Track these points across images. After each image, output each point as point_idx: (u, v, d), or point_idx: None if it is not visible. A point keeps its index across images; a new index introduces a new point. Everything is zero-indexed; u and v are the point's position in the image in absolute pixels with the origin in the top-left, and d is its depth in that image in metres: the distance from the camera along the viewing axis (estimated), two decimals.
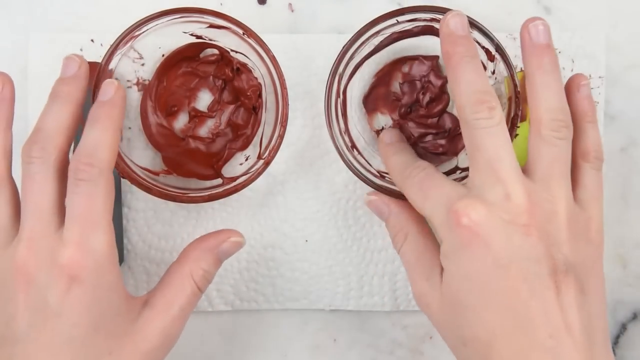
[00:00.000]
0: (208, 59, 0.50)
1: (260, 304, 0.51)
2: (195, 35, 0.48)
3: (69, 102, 0.40)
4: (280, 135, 0.45)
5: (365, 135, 0.50)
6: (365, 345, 0.52)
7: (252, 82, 0.49)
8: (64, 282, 0.36)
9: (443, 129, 0.49)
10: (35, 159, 0.38)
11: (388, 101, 0.50)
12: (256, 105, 0.49)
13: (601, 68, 0.51)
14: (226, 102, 0.50)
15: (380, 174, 0.47)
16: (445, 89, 0.50)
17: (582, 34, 0.51)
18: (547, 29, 0.40)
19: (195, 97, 0.50)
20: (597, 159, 0.40)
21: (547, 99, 0.38)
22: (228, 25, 0.45)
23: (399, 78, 0.50)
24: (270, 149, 0.45)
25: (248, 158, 0.49)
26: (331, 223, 0.51)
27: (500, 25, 0.44)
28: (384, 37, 0.47)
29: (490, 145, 0.37)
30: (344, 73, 0.46)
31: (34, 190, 0.38)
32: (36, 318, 0.36)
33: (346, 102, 0.48)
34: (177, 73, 0.50)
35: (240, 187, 0.45)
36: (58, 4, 0.51)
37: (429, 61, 0.50)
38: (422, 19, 0.45)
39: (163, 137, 0.50)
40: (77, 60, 0.41)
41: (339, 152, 0.45)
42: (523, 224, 0.36)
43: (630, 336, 0.52)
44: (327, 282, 0.51)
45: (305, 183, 0.51)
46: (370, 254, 0.52)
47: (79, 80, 0.41)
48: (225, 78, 0.50)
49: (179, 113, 0.50)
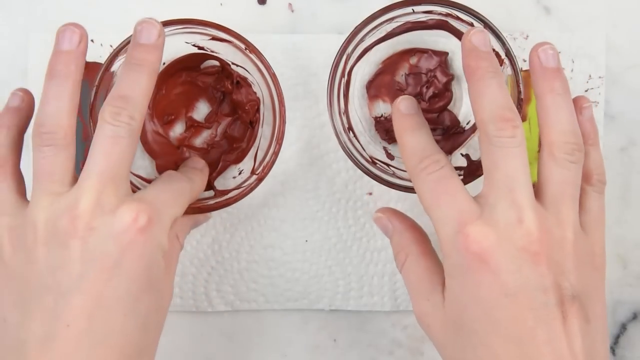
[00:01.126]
0: (208, 70, 0.50)
1: (260, 304, 0.51)
2: (197, 46, 0.48)
3: (153, 71, 0.39)
4: (275, 152, 0.44)
5: (363, 120, 0.50)
6: (365, 345, 0.52)
7: (250, 97, 0.49)
8: (131, 233, 0.36)
9: (441, 125, 0.49)
10: (124, 124, 0.37)
11: (391, 90, 0.50)
12: (253, 120, 0.49)
13: (601, 68, 0.51)
14: (223, 114, 0.50)
15: (372, 160, 0.47)
16: (449, 86, 0.50)
17: (582, 34, 0.51)
18: (556, 53, 0.39)
19: (193, 107, 0.50)
20: (600, 182, 0.40)
21: (560, 122, 0.38)
22: (230, 39, 0.45)
23: (406, 69, 0.50)
24: (265, 165, 0.45)
25: (242, 172, 0.49)
26: (331, 223, 0.51)
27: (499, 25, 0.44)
28: (398, 25, 0.47)
29: (510, 166, 0.37)
30: (352, 54, 0.46)
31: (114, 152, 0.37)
32: (89, 268, 0.35)
33: (349, 83, 0.48)
34: (176, 82, 0.50)
35: (231, 201, 0.45)
36: (58, 4, 0.51)
37: (438, 56, 0.50)
38: (438, 12, 0.45)
39: (158, 144, 0.50)
40: (157, 27, 0.39)
41: (336, 133, 0.45)
42: (533, 252, 0.35)
43: (630, 336, 0.52)
44: (327, 282, 0.51)
45: (305, 183, 0.51)
46: (370, 254, 0.52)
47: (159, 50, 0.40)
48: (224, 90, 0.50)
49: (176, 122, 0.50)
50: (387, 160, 0.48)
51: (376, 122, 0.51)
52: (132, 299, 0.36)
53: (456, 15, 0.45)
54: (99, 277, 0.35)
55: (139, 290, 0.36)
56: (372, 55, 0.49)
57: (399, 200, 0.51)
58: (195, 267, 0.51)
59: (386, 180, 0.44)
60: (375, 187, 0.51)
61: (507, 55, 0.44)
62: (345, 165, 0.51)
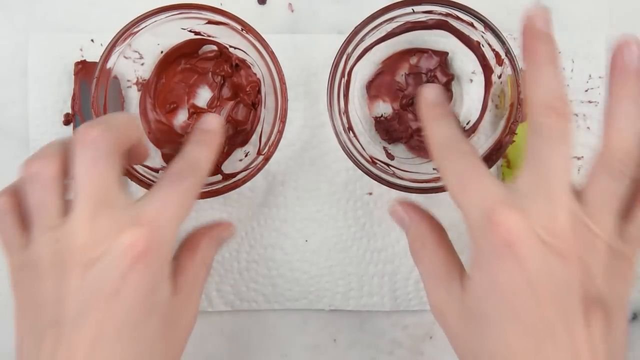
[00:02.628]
0: (207, 56, 0.50)
1: (260, 304, 0.51)
2: (193, 32, 0.48)
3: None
4: (280, 130, 0.44)
5: (363, 120, 0.50)
6: (365, 345, 0.52)
7: (251, 78, 0.49)
8: (128, 260, 0.35)
9: None
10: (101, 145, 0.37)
11: (391, 90, 0.50)
12: (255, 101, 0.49)
13: (601, 68, 0.51)
14: (225, 98, 0.50)
15: (372, 160, 0.47)
16: (450, 86, 0.50)
17: (582, 33, 0.51)
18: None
19: (195, 94, 0.50)
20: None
21: (627, 131, 0.36)
22: (226, 21, 0.45)
23: (406, 69, 0.50)
24: (270, 145, 0.45)
25: (248, 154, 0.49)
26: (331, 223, 0.51)
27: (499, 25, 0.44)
28: (398, 25, 0.47)
29: (554, 157, 0.35)
30: (352, 54, 0.46)
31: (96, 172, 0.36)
32: (89, 301, 0.35)
33: (349, 83, 0.48)
34: (176, 70, 0.50)
35: (240, 183, 0.45)
36: (58, 4, 0.51)
37: (438, 56, 0.50)
38: (438, 12, 0.45)
39: (162, 133, 0.50)
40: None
41: (336, 133, 0.45)
42: (562, 249, 0.34)
43: (630, 336, 0.52)
44: (327, 282, 0.51)
45: (305, 183, 0.51)
46: (370, 254, 0.52)
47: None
48: (224, 74, 0.50)
49: (178, 110, 0.50)
50: (387, 160, 0.48)
51: (376, 122, 0.51)
52: (132, 327, 0.35)
53: (456, 15, 0.45)
54: (98, 307, 0.35)
55: (140, 318, 0.36)
56: (372, 55, 0.49)
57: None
58: None
59: (386, 180, 0.44)
60: (375, 187, 0.51)
61: (507, 55, 0.44)
62: (345, 165, 0.51)
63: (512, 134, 0.44)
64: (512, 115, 0.44)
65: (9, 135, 0.51)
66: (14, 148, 0.51)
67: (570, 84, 0.51)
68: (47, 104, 0.51)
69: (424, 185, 0.45)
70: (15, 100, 0.51)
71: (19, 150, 0.51)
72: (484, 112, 0.48)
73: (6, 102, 0.51)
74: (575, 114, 0.51)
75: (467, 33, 0.46)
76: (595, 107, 0.51)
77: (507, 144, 0.44)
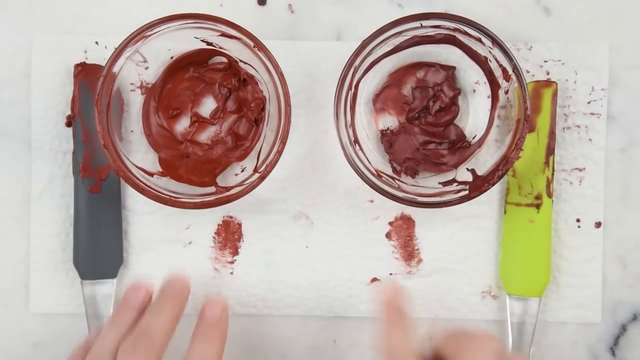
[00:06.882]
0: (216, 67, 0.50)
1: (260, 309, 0.52)
2: (206, 42, 0.48)
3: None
4: (279, 151, 0.44)
5: (369, 133, 0.50)
6: (365, 346, 0.53)
7: (257, 95, 0.49)
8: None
9: (447, 139, 0.49)
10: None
11: (398, 103, 0.50)
12: (258, 118, 0.49)
13: (604, 79, 0.51)
14: (229, 111, 0.50)
15: (378, 173, 0.47)
16: (456, 100, 0.50)
17: (585, 46, 0.51)
18: None
19: (199, 103, 0.50)
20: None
21: None
22: (240, 36, 0.45)
23: (413, 82, 0.50)
24: (267, 164, 0.45)
25: (244, 169, 0.49)
26: (332, 230, 0.51)
27: (500, 27, 0.44)
28: (405, 39, 0.47)
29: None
30: (360, 67, 0.46)
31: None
32: None
33: (356, 96, 0.48)
34: (183, 76, 0.50)
35: (233, 198, 0.45)
36: (59, 5, 0.51)
37: (445, 70, 0.49)
38: (446, 27, 0.45)
39: (162, 138, 0.50)
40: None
41: (342, 145, 0.45)
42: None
43: (630, 337, 0.52)
44: (326, 289, 0.52)
45: (306, 189, 0.51)
46: (369, 262, 0.52)
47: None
48: (231, 87, 0.50)
49: (181, 116, 0.50)
50: (393, 174, 0.48)
51: (382, 135, 0.50)
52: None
53: (464, 30, 0.44)
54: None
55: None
56: (379, 68, 0.49)
57: (402, 207, 0.51)
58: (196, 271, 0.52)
59: (391, 194, 0.44)
60: (376, 195, 0.51)
61: (515, 70, 0.44)
62: (348, 173, 0.50)
63: (519, 150, 0.44)
64: (518, 130, 0.44)
65: (10, 135, 0.51)
66: (15, 149, 0.51)
67: (572, 95, 0.51)
68: (50, 105, 0.51)
69: (429, 199, 0.45)
70: (16, 100, 0.51)
71: (20, 150, 0.51)
72: (490, 127, 0.48)
73: (7, 103, 0.51)
74: (577, 125, 0.51)
75: (475, 48, 0.46)
76: (598, 119, 0.51)
77: (513, 159, 0.44)
